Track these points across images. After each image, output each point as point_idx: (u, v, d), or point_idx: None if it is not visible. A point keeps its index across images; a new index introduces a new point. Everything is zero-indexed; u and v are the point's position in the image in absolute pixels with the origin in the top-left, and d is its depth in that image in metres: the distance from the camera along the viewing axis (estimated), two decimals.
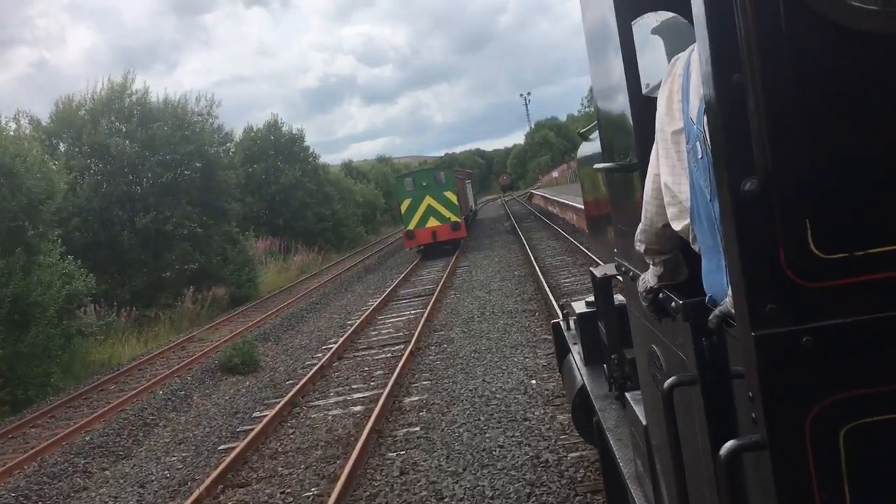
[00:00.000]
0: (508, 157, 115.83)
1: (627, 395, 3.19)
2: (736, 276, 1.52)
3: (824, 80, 1.42)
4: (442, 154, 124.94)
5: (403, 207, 27.11)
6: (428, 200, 26.80)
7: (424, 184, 26.95)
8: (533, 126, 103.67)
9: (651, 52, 2.33)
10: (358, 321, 15.41)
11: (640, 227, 2.16)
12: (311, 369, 11.76)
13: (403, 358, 11.05)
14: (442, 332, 12.99)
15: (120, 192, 20.92)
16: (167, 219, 21.15)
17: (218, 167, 22.97)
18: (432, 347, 11.95)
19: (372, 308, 16.89)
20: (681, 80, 1.89)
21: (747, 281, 1.47)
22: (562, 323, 5.77)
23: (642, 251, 2.21)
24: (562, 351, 5.68)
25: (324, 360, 12.08)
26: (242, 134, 37.52)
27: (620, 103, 2.60)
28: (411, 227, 26.83)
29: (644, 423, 2.74)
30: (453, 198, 27.01)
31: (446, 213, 26.79)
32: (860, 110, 1.42)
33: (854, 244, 1.43)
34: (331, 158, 64.99)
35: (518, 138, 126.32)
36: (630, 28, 2.43)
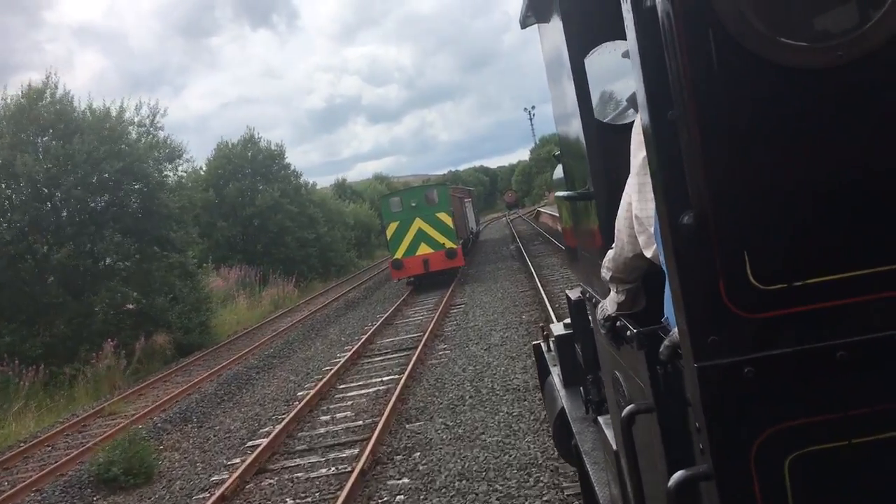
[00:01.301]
0: (513, 174, 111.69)
1: (600, 419, 3.15)
2: (678, 309, 1.55)
3: (756, 116, 1.46)
4: (445, 172, 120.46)
5: (389, 232, 22.96)
6: (418, 223, 22.65)
7: (414, 204, 22.78)
8: (538, 141, 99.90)
9: (611, 80, 2.32)
10: (313, 391, 11.29)
11: (611, 254, 2.17)
12: (216, 490, 7.65)
13: (348, 485, 6.90)
14: (417, 426, 8.81)
15: (32, 219, 16.87)
16: (89, 252, 17.08)
17: (159, 188, 18.86)
18: (398, 459, 7.77)
19: (337, 367, 12.78)
20: None
21: (689, 313, 1.50)
22: (542, 344, 5.55)
23: (608, 279, 2.22)
24: (543, 372, 5.44)
25: (237, 473, 7.95)
26: (215, 150, 33.59)
27: (577, 133, 2.63)
28: (399, 255, 22.66)
29: (614, 447, 2.68)
30: (448, 220, 22.85)
31: (440, 239, 22.64)
32: (793, 144, 1.46)
33: (792, 275, 1.47)
34: (335, 179, 61.09)
35: (523, 155, 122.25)
36: (583, 61, 2.44)
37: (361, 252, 45.94)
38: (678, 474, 1.58)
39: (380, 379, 11.76)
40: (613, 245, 2.15)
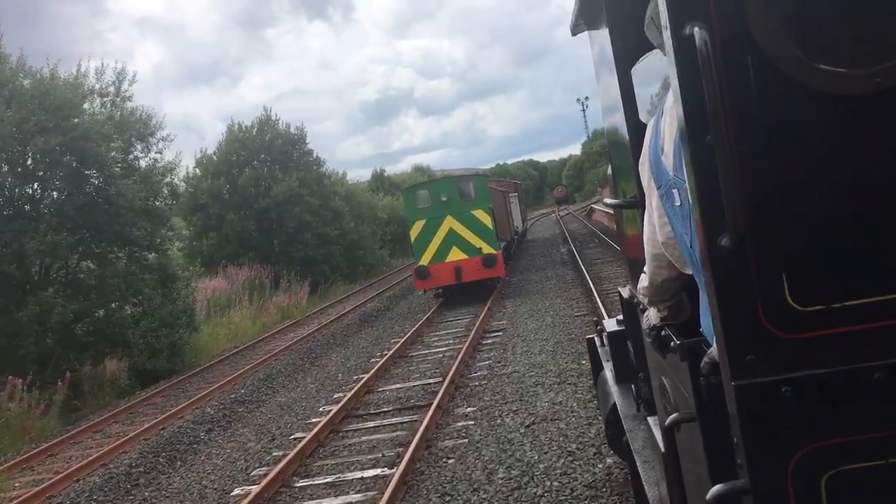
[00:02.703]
0: (564, 169, 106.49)
1: (649, 419, 3.17)
2: (717, 327, 1.58)
3: (794, 140, 1.49)
4: (493, 165, 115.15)
5: (414, 233, 18.65)
6: (449, 222, 18.30)
7: (444, 198, 18.40)
8: (590, 135, 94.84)
9: (658, 88, 2.32)
10: (255, 490, 7.13)
11: (643, 282, 2.27)
12: None
13: None
14: None
15: None
16: (16, 255, 13.19)
17: (126, 173, 14.84)
18: None
19: (309, 437, 8.60)
20: (651, 133, 2.03)
21: (727, 332, 1.53)
22: (596, 339, 5.52)
23: (647, 304, 2.33)
24: (596, 367, 5.46)
25: None
26: (227, 133, 29.71)
27: (623, 140, 2.73)
28: (425, 261, 18.35)
29: (662, 449, 2.61)
30: (486, 219, 18.44)
31: (476, 242, 18.25)
32: (830, 169, 1.48)
33: (831, 297, 1.48)
34: (372, 170, 57.88)
35: (574, 150, 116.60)
36: (629, 68, 2.50)
37: (395, 250, 41.79)
38: (716, 488, 1.59)
39: (360, 474, 7.48)
40: (644, 270, 2.22)
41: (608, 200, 3.48)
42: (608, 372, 4.74)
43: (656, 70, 2.24)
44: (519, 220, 33.00)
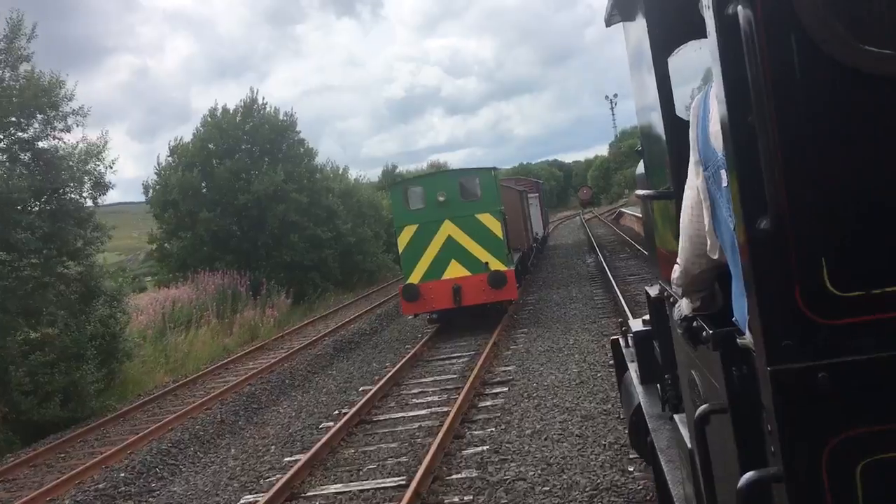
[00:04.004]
0: (590, 170, 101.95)
1: (676, 417, 3.13)
2: (753, 312, 1.55)
3: (838, 123, 1.44)
4: (516, 165, 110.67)
5: (402, 241, 14.60)
6: (447, 229, 14.25)
7: (442, 198, 14.33)
8: (618, 135, 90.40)
9: (695, 78, 2.30)
10: None
11: (677, 272, 2.18)
12: None
13: None
14: None
15: None
16: None
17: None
18: None
19: None
20: (699, 111, 1.94)
21: (763, 317, 1.50)
22: (620, 340, 5.47)
23: (680, 294, 2.27)
24: (620, 368, 5.46)
25: None
26: (206, 117, 25.88)
27: (658, 131, 2.70)
28: (415, 278, 14.32)
29: (689, 446, 2.66)
30: (495, 225, 14.35)
31: (481, 255, 14.17)
32: (874, 151, 1.44)
33: (871, 283, 1.44)
34: (410, 169, 54.31)
35: (601, 151, 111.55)
36: (665, 59, 2.50)
37: None
38: (748, 475, 1.57)
39: None
40: (678, 261, 2.15)
41: (641, 192, 3.20)
42: (633, 373, 4.66)
43: (695, 59, 2.18)
44: (539, 225, 28.86)
